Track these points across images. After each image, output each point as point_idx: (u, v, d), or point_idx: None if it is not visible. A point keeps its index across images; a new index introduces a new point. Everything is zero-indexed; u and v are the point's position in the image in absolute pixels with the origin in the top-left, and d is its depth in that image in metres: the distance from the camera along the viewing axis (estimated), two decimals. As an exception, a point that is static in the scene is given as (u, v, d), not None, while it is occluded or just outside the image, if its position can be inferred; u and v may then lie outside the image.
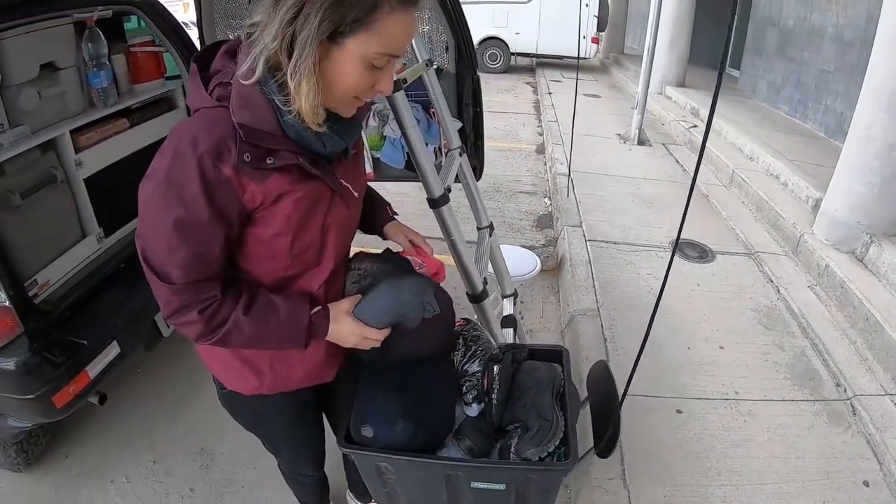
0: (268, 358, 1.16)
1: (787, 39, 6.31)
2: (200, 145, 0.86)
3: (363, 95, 0.94)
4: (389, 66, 0.92)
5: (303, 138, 0.93)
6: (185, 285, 0.92)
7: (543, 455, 1.19)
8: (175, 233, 0.89)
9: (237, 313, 0.97)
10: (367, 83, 0.91)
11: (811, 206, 3.80)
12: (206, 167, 0.87)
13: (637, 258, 3.47)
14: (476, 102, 2.30)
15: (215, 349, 1.17)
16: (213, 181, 0.88)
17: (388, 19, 0.85)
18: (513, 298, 2.14)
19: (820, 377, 2.52)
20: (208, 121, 0.89)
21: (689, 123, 6.20)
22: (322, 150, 0.97)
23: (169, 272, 0.91)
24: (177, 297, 0.93)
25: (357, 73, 0.88)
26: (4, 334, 1.73)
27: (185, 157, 0.87)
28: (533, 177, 5.33)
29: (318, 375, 1.24)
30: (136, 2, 2.51)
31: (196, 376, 2.58)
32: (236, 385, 1.21)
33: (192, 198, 0.88)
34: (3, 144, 1.97)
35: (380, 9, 0.83)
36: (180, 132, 0.89)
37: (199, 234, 0.90)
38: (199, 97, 0.92)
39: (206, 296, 0.95)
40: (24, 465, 2.14)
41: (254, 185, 0.91)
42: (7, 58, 2.01)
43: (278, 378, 1.18)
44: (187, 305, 0.94)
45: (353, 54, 0.86)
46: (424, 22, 2.18)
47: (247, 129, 0.88)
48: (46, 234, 2.10)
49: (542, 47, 10.99)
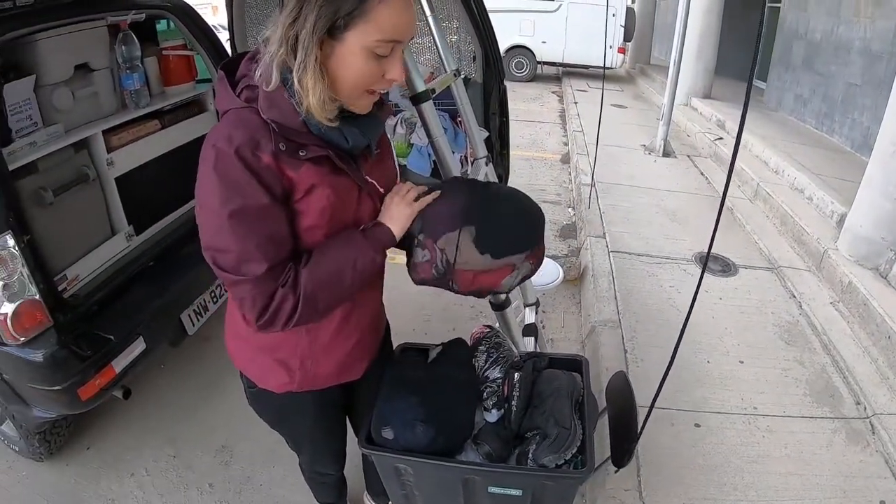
0: (298, 355, 1.18)
1: (814, 52, 6.24)
2: (235, 139, 0.91)
3: (376, 86, 0.96)
4: (395, 52, 0.93)
5: (325, 134, 0.97)
6: (266, 272, 0.94)
7: (561, 462, 1.20)
8: (240, 225, 0.91)
9: (306, 269, 0.98)
10: (376, 73, 0.93)
11: (836, 221, 3.75)
12: (246, 157, 0.90)
13: (659, 270, 3.46)
14: (502, 112, 2.32)
15: (245, 347, 1.21)
16: (256, 169, 0.91)
17: (381, 6, 0.87)
18: (535, 307, 2.15)
19: (840, 394, 2.49)
20: (239, 119, 0.94)
21: (714, 135, 6.15)
22: (344, 145, 1.00)
23: (247, 266, 0.93)
24: (260, 288, 0.95)
25: (361, 64, 0.91)
26: (33, 327, 1.77)
27: (224, 154, 0.90)
28: (557, 186, 5.32)
29: (347, 372, 1.26)
30: (169, 6, 2.58)
31: (218, 375, 2.62)
32: (267, 382, 1.23)
33: (246, 187, 0.91)
34: (37, 142, 2.03)
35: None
36: (215, 134, 0.93)
37: (264, 218, 0.93)
38: (227, 99, 0.97)
39: (285, 273, 0.97)
40: (46, 454, 2.19)
41: (291, 171, 0.95)
42: (43, 58, 2.09)
43: (308, 375, 1.20)
44: (274, 292, 0.96)
45: (354, 47, 0.89)
46: (453, 32, 2.21)
47: (278, 125, 0.93)
48: (77, 230, 2.15)
49: (569, 56, 11.00)
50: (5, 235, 1.68)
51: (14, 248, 1.70)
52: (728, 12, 7.58)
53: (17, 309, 1.72)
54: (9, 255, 1.69)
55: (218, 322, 1.44)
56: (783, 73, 7.04)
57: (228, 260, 0.94)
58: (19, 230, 1.72)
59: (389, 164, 1.17)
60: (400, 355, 1.40)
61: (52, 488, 2.13)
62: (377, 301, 1.31)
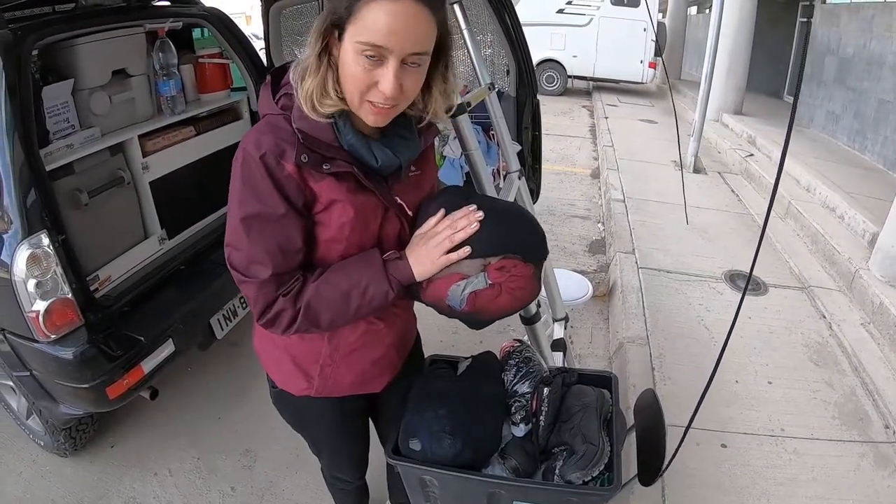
0: (319, 362, 1.18)
1: (845, 68, 6.16)
2: (263, 146, 0.93)
3: (369, 97, 0.91)
4: (389, 62, 0.88)
5: (355, 150, 0.97)
6: (269, 278, 0.96)
7: (587, 479, 1.18)
8: (252, 229, 0.95)
9: (314, 283, 0.99)
10: (366, 79, 0.89)
11: (867, 240, 3.67)
12: (270, 164, 0.93)
13: (688, 288, 3.41)
14: (535, 126, 2.32)
15: (270, 348, 1.22)
16: (279, 177, 0.93)
17: (369, 7, 0.84)
18: (564, 322, 2.13)
19: (869, 418, 2.43)
20: (270, 125, 0.96)
21: (745, 152, 6.07)
22: (374, 164, 0.99)
23: (255, 268, 0.96)
24: (262, 292, 0.97)
25: (353, 66, 0.88)
26: (65, 325, 1.81)
27: (251, 158, 0.93)
28: (587, 201, 5.29)
29: (367, 385, 1.27)
30: (206, 14, 2.63)
31: (245, 380, 2.64)
32: (286, 384, 1.25)
33: (265, 194, 0.93)
34: (74, 145, 2.09)
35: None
36: (247, 138, 0.96)
37: (278, 227, 0.95)
38: (267, 105, 1.00)
39: (289, 283, 0.99)
40: (71, 450, 2.23)
41: (313, 182, 0.96)
42: (81, 63, 2.15)
43: (326, 383, 1.21)
44: (274, 299, 0.98)
45: (348, 47, 0.88)
46: (486, 45, 2.22)
47: (305, 135, 0.94)
48: (111, 232, 2.20)
49: (599, 71, 10.97)
50: (40, 234, 1.72)
51: (48, 248, 1.74)
52: (758, 27, 7.51)
53: (50, 307, 1.76)
54: (43, 253, 1.73)
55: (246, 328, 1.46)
56: (815, 89, 6.95)
57: (239, 259, 0.97)
58: (54, 230, 1.76)
59: (426, 187, 1.15)
60: (429, 367, 1.39)
61: (75, 484, 2.17)
62: (406, 319, 1.30)
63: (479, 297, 1.03)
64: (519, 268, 1.04)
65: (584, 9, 10.65)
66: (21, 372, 1.92)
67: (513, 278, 1.03)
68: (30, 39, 1.84)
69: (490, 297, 1.04)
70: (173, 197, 2.45)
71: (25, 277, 1.70)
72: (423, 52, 0.91)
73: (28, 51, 1.82)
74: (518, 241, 1.06)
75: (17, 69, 1.74)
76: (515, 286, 1.04)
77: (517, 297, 1.06)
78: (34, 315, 1.74)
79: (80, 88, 2.17)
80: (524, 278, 1.05)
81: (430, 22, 0.89)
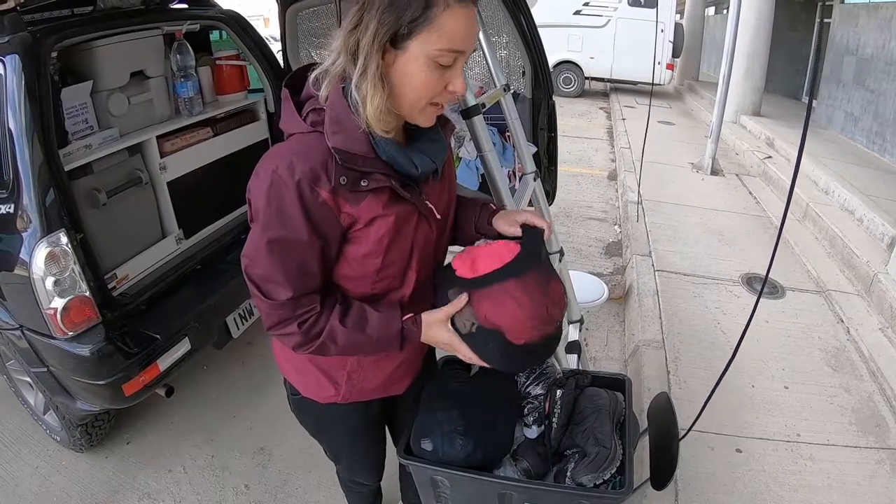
0: (346, 369, 1.18)
1: (864, 68, 6.06)
2: (297, 171, 0.90)
3: (438, 99, 0.94)
4: (458, 63, 0.92)
5: (395, 160, 0.96)
6: (288, 300, 0.96)
7: (599, 482, 1.18)
8: (277, 252, 0.94)
9: (332, 323, 1.00)
10: (438, 84, 0.91)
11: (886, 243, 3.61)
12: (304, 192, 0.91)
13: (705, 291, 3.38)
14: (551, 128, 2.31)
15: (292, 356, 1.21)
16: (311, 204, 0.92)
17: (445, 15, 0.86)
18: (579, 325, 2.12)
19: (886, 424, 2.39)
20: (303, 146, 0.93)
21: (763, 154, 6.00)
22: (414, 172, 0.99)
23: (271, 289, 0.96)
24: (276, 311, 0.98)
25: (424, 73, 0.89)
26: (82, 322, 1.84)
27: (283, 183, 0.90)
28: (604, 203, 5.26)
29: (391, 387, 1.27)
30: (223, 17, 2.66)
31: (260, 379, 2.66)
32: (312, 392, 1.24)
33: (293, 220, 0.92)
34: (93, 145, 2.12)
35: (435, 6, 0.85)
36: (277, 156, 0.93)
37: (300, 252, 0.95)
38: (293, 123, 0.96)
39: (305, 310, 0.99)
40: (87, 446, 2.27)
41: (349, 206, 0.95)
42: (100, 65, 2.18)
43: (354, 388, 1.21)
44: (286, 319, 0.98)
45: (417, 55, 0.88)
46: (502, 47, 2.22)
47: (342, 154, 0.92)
48: (128, 231, 2.23)
49: (617, 72, 10.91)
50: (59, 233, 1.75)
51: (67, 246, 1.77)
52: (776, 27, 7.42)
53: (67, 304, 1.79)
54: (61, 251, 1.76)
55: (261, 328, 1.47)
56: (834, 90, 6.86)
57: (257, 274, 0.97)
58: (73, 228, 1.79)
59: (447, 186, 1.15)
60: (442, 368, 1.39)
61: (90, 479, 2.20)
62: None
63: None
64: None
65: (601, 10, 10.59)
66: (39, 368, 1.95)
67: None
68: (49, 41, 1.87)
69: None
70: (190, 197, 2.47)
71: (44, 275, 1.73)
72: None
73: (47, 53, 1.85)
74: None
75: (36, 71, 1.77)
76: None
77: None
78: (52, 312, 1.77)
79: (99, 90, 2.20)
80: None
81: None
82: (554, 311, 1.07)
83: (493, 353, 1.07)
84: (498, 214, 1.19)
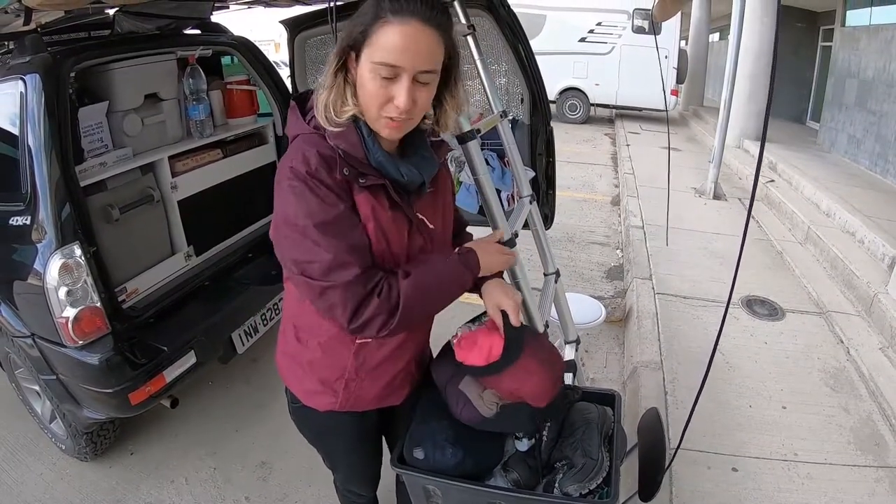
0: (344, 377, 1.22)
1: (866, 91, 6.12)
2: (312, 160, 0.99)
3: (386, 111, 0.99)
4: (401, 79, 0.96)
5: (383, 167, 1.05)
6: (358, 276, 0.98)
7: (585, 492, 1.21)
8: (330, 233, 0.98)
9: (403, 282, 1.02)
10: (383, 96, 0.97)
11: (887, 264, 3.63)
12: (323, 175, 0.98)
13: (705, 313, 3.41)
14: (549, 153, 2.37)
15: (294, 363, 1.27)
16: (333, 183, 0.99)
17: (383, 30, 0.93)
18: (575, 345, 2.15)
19: (885, 443, 2.39)
20: (309, 142, 1.02)
21: (766, 178, 6.05)
22: (400, 178, 1.06)
23: (339, 274, 0.98)
24: (352, 291, 0.99)
25: (370, 83, 0.96)
26: (92, 332, 1.91)
27: (301, 175, 0.98)
28: (606, 228, 5.31)
29: (389, 397, 1.30)
30: (234, 43, 2.76)
31: (264, 395, 2.70)
32: (311, 400, 1.28)
33: (326, 199, 0.98)
34: (107, 163, 2.20)
35: (376, 20, 0.94)
36: (290, 157, 1.02)
37: (346, 227, 1.00)
38: (297, 126, 1.06)
39: (376, 280, 1.01)
40: (92, 455, 2.31)
41: (357, 193, 1.03)
42: (116, 86, 2.27)
43: (351, 396, 1.25)
44: (365, 298, 1.00)
45: (364, 66, 0.97)
46: (501, 75, 2.29)
47: (343, 152, 1.02)
48: (139, 247, 2.30)
49: (622, 99, 11.03)
50: (73, 245, 1.83)
51: (80, 258, 1.84)
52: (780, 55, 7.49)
53: (79, 314, 1.85)
54: (75, 263, 1.83)
55: (266, 345, 1.52)
56: (836, 112, 6.92)
57: (317, 269, 0.98)
58: (86, 242, 1.86)
59: (441, 202, 1.21)
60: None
61: (94, 488, 2.23)
62: (427, 331, 1.35)
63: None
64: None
65: (606, 37, 10.74)
66: (48, 375, 2.01)
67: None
68: (68, 63, 1.96)
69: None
70: (200, 216, 2.54)
71: (57, 285, 1.80)
72: (432, 70, 0.99)
73: (66, 73, 1.94)
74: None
75: (55, 90, 1.86)
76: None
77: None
78: (63, 321, 1.83)
79: (115, 110, 2.28)
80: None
81: (438, 42, 0.97)
82: (559, 369, 1.23)
83: (522, 421, 1.21)
84: (487, 287, 1.23)
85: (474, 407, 1.18)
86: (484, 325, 1.23)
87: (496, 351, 1.16)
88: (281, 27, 2.46)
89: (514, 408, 1.18)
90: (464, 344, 1.20)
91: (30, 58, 1.93)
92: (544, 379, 1.17)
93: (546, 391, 1.18)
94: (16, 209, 1.90)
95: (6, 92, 1.94)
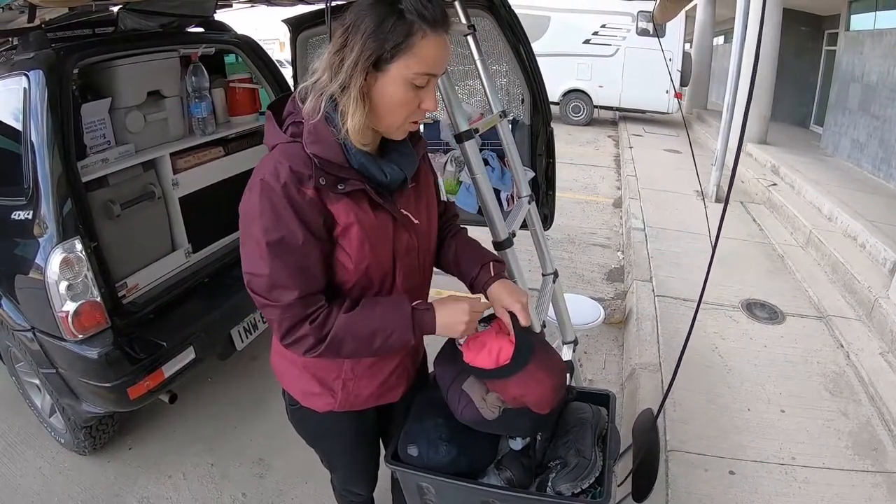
0: (341, 377, 1.23)
1: (870, 95, 6.11)
2: (282, 174, 0.98)
3: (413, 116, 1.04)
4: (430, 84, 1.02)
5: (365, 168, 1.05)
6: (296, 300, 1.01)
7: (577, 491, 1.21)
8: (278, 254, 0.99)
9: (342, 316, 1.04)
10: (413, 103, 1.02)
11: (888, 268, 3.63)
12: (292, 192, 0.98)
13: (705, 316, 3.40)
14: (549, 154, 2.37)
15: (290, 367, 1.27)
16: (300, 203, 0.99)
17: (424, 42, 0.96)
18: (572, 345, 2.15)
19: (884, 447, 2.39)
20: (284, 153, 1.01)
21: (768, 181, 6.04)
22: (383, 179, 1.07)
23: (278, 294, 1.01)
24: (288, 313, 1.02)
25: (402, 94, 0.99)
26: (92, 326, 1.92)
27: (270, 188, 0.98)
28: (608, 230, 5.31)
29: (386, 394, 1.31)
30: (237, 41, 2.77)
31: (262, 393, 2.71)
32: (309, 401, 1.28)
33: (286, 220, 0.98)
34: (109, 159, 2.21)
35: (414, 35, 0.96)
36: (262, 168, 1.01)
37: (298, 251, 1.00)
38: (274, 135, 1.05)
39: (314, 308, 1.03)
40: (90, 449, 2.32)
41: (331, 204, 1.02)
42: (119, 83, 2.28)
43: (349, 395, 1.25)
44: (299, 320, 1.03)
45: (396, 77, 0.98)
46: (502, 75, 2.30)
47: (320, 159, 1.00)
48: (140, 242, 2.31)
49: (626, 101, 11.03)
50: (74, 240, 1.84)
51: (81, 253, 1.85)
52: (782, 56, 7.49)
53: (79, 308, 1.87)
54: (76, 258, 1.84)
55: (265, 342, 1.53)
56: (840, 117, 6.91)
57: (261, 284, 1.02)
58: (87, 237, 1.88)
59: (424, 196, 1.22)
60: (433, 380, 1.44)
61: (92, 482, 2.25)
62: None
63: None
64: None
65: (610, 39, 10.73)
66: (48, 369, 2.03)
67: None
68: (72, 59, 1.98)
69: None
70: (201, 213, 2.55)
71: (58, 279, 1.82)
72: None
73: (70, 70, 1.95)
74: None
75: (59, 86, 1.88)
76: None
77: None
78: (64, 315, 1.84)
79: (117, 107, 2.29)
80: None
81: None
82: (563, 375, 1.23)
83: (523, 426, 1.23)
84: (493, 289, 1.23)
85: (476, 408, 1.18)
86: (491, 327, 1.22)
87: (505, 355, 1.15)
88: (285, 26, 2.47)
89: (516, 413, 1.17)
90: (472, 345, 1.19)
91: (33, 54, 1.95)
92: (550, 387, 1.17)
93: (550, 399, 1.18)
94: (18, 204, 1.91)
95: (10, 88, 1.96)
